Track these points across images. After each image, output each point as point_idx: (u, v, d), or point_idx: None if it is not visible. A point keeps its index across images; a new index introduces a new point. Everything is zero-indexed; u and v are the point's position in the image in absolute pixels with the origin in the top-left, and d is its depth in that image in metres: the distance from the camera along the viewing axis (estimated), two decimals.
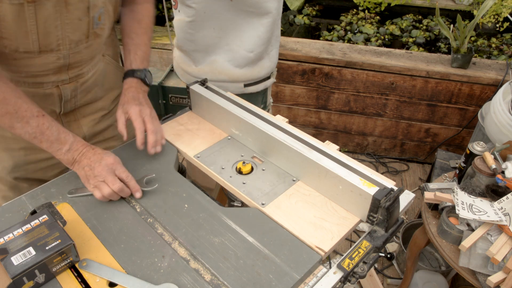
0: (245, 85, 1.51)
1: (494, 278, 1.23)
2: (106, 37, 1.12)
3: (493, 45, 4.36)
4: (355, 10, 4.87)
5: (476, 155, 1.53)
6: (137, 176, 1.00)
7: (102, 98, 1.23)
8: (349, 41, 4.38)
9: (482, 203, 1.37)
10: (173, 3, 1.43)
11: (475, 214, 1.32)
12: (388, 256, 0.92)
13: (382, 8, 4.08)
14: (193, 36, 1.42)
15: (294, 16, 4.87)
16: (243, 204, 1.02)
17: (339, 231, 0.89)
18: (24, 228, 0.82)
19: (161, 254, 0.84)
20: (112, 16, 1.10)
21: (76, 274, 0.80)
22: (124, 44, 1.18)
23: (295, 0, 4.84)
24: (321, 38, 4.41)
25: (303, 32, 4.72)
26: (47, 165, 1.17)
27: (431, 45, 4.44)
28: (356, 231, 2.21)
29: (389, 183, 0.91)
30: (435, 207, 1.55)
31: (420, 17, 4.86)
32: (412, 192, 1.01)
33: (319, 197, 0.98)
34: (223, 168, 1.06)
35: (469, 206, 1.36)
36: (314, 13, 4.99)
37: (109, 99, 1.25)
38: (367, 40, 4.39)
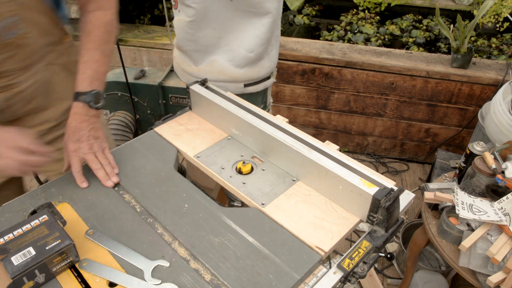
0: (245, 85, 1.51)
1: (494, 278, 1.23)
2: (40, 45, 1.03)
3: (493, 45, 4.36)
4: (355, 10, 4.87)
5: (476, 155, 1.53)
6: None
7: (48, 109, 1.15)
8: (349, 41, 4.38)
9: (482, 203, 1.37)
10: (173, 3, 1.43)
11: (475, 214, 1.32)
12: (388, 256, 0.92)
13: (382, 8, 4.08)
14: (193, 36, 1.42)
15: (294, 16, 4.87)
16: (243, 204, 1.02)
17: (339, 231, 0.89)
18: (24, 228, 0.82)
19: (161, 254, 0.84)
20: (41, 23, 1.01)
21: (76, 274, 0.80)
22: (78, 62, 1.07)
23: (295, 0, 4.84)
24: (321, 38, 4.41)
25: (303, 32, 4.73)
26: None
27: (431, 45, 4.44)
28: (356, 231, 2.20)
29: (389, 183, 0.91)
30: (435, 207, 1.55)
31: (420, 17, 4.86)
32: (412, 192, 1.01)
33: (319, 197, 0.98)
34: (223, 168, 1.06)
35: (469, 206, 1.36)
36: (314, 13, 5.00)
37: (58, 110, 1.16)
38: (367, 40, 4.39)
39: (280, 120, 1.15)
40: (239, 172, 1.05)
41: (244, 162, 1.06)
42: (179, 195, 0.98)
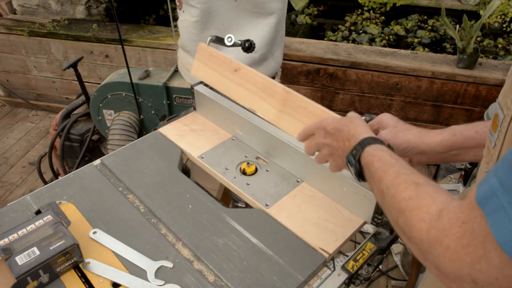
0: None
1: None
2: None
3: (500, 46, 4.32)
4: (360, 10, 4.85)
5: None
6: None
7: None
8: (354, 41, 4.36)
9: None
10: (177, 3, 1.43)
11: None
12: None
13: (388, 8, 4.06)
14: (197, 36, 1.42)
15: (296, 16, 4.86)
16: (247, 205, 1.01)
17: (343, 233, 0.89)
18: (28, 228, 0.82)
19: (165, 254, 0.84)
20: None
21: (80, 274, 0.81)
22: None
23: (300, 0, 4.83)
24: (325, 39, 4.40)
25: (307, 32, 4.72)
26: None
27: (436, 45, 4.41)
28: (361, 231, 2.19)
29: None
30: None
31: (425, 17, 4.83)
32: None
33: (324, 198, 0.97)
34: (227, 169, 1.06)
35: None
36: (315, 12, 4.98)
37: None
38: (371, 41, 4.37)
39: None
40: (243, 173, 1.04)
41: (248, 163, 1.06)
42: (183, 196, 0.98)
